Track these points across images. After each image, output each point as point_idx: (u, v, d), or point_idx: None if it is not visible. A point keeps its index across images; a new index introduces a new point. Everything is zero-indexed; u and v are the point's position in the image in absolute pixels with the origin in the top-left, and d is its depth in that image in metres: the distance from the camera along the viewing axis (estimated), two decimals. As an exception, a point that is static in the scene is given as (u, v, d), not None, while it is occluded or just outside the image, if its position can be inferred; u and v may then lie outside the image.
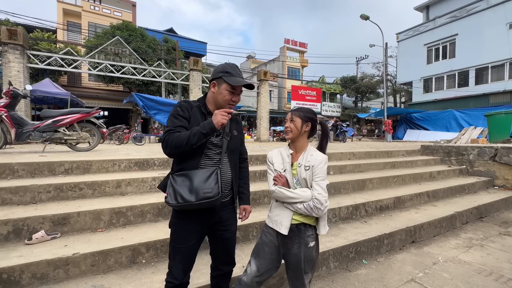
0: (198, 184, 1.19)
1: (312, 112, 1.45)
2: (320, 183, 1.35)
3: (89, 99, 18.11)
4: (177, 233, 1.30)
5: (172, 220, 1.32)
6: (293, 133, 1.43)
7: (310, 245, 1.40)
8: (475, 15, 16.97)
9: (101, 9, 21.09)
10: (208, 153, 1.29)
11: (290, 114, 1.46)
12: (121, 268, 1.87)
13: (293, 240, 1.39)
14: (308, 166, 1.37)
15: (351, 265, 2.37)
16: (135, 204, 2.38)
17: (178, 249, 1.29)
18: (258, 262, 1.42)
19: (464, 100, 17.54)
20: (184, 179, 1.21)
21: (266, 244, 1.43)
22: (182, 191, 1.19)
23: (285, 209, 1.38)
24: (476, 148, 5.55)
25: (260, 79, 13.29)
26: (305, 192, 1.33)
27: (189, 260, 1.32)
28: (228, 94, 1.28)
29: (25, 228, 1.99)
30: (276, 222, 1.39)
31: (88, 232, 2.15)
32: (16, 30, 8.68)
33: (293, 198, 1.33)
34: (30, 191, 2.37)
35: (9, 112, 4.03)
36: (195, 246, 1.32)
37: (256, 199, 2.97)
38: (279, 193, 1.36)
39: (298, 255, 1.38)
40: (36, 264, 1.65)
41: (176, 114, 1.26)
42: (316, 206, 1.31)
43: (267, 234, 1.44)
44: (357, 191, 3.77)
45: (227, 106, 1.31)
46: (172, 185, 1.22)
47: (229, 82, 1.26)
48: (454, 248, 2.79)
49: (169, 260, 1.34)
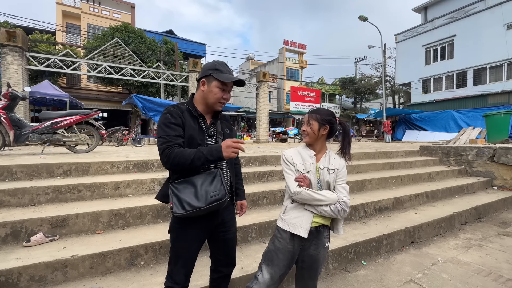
0: (204, 188, 1.17)
1: (330, 114, 1.40)
2: (344, 186, 1.37)
3: (89, 101, 18.09)
4: (180, 240, 1.27)
5: (174, 226, 1.28)
6: (309, 136, 1.40)
7: (326, 245, 1.42)
8: (473, 16, 17.07)
9: (100, 11, 21.12)
10: None
11: (307, 116, 1.41)
12: (119, 270, 1.87)
13: (311, 241, 1.37)
14: (333, 169, 1.37)
15: (350, 266, 2.37)
16: (134, 206, 2.38)
17: (180, 255, 1.27)
18: (272, 270, 1.37)
19: (462, 101, 17.61)
20: (186, 185, 1.18)
21: (279, 251, 1.37)
22: (188, 198, 1.15)
23: (304, 211, 1.34)
24: (474, 149, 5.57)
25: (259, 80, 13.30)
26: (331, 195, 1.32)
27: (191, 264, 1.31)
28: (219, 92, 1.25)
29: (23, 231, 1.98)
30: (294, 225, 1.33)
31: (87, 234, 2.14)
32: (15, 32, 8.67)
33: (322, 200, 1.30)
34: (29, 193, 2.37)
35: (8, 114, 4.03)
36: (197, 250, 1.31)
37: (255, 200, 2.98)
38: (306, 195, 1.30)
39: (314, 256, 1.38)
40: (34, 267, 1.64)
41: (168, 123, 1.19)
42: (343, 209, 1.32)
43: (281, 240, 1.38)
44: (356, 192, 3.77)
45: (218, 104, 1.28)
46: (175, 194, 1.17)
47: (219, 78, 1.23)
48: (453, 249, 2.79)
49: (170, 265, 1.31)
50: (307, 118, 1.41)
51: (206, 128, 1.31)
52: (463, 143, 7.98)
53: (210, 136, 1.30)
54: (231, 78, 1.26)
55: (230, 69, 1.32)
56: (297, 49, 30.12)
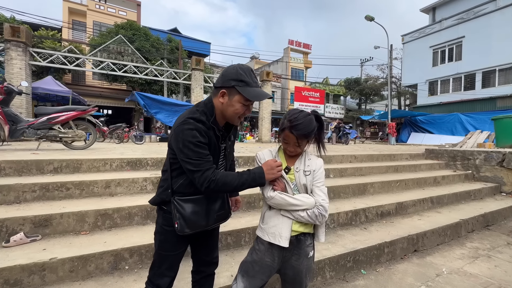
0: (211, 207, 1.18)
1: (312, 120, 1.19)
2: (322, 188, 1.25)
3: (93, 98, 18.19)
4: (168, 241, 1.20)
5: (163, 228, 1.19)
6: (298, 152, 1.27)
7: (310, 255, 1.29)
8: (483, 17, 16.68)
9: (106, 8, 21.22)
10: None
11: (293, 137, 1.17)
12: (101, 275, 1.76)
13: (292, 251, 1.25)
14: (309, 171, 1.25)
15: (348, 275, 2.24)
16: (123, 206, 2.27)
17: (166, 257, 1.21)
18: (247, 281, 1.28)
19: (470, 104, 17.24)
20: (193, 205, 1.13)
21: (256, 263, 1.28)
22: (196, 219, 1.13)
23: (282, 218, 1.22)
24: (482, 153, 5.36)
25: (262, 80, 13.17)
26: (308, 199, 1.20)
27: (176, 267, 1.26)
28: (241, 107, 1.10)
29: (4, 230, 1.89)
30: (273, 235, 1.22)
31: (71, 235, 2.05)
32: (19, 28, 8.69)
33: (297, 205, 1.19)
34: (14, 190, 2.28)
35: (3, 109, 3.98)
36: (182, 253, 1.26)
37: (251, 202, 2.86)
38: (280, 200, 1.19)
39: (297, 267, 1.26)
40: (9, 270, 1.54)
41: (197, 142, 1.04)
42: (321, 213, 1.19)
43: (258, 252, 1.28)
44: (357, 196, 3.62)
45: (237, 120, 1.15)
46: (181, 213, 1.11)
47: (245, 95, 1.06)
48: (459, 259, 2.64)
49: (152, 269, 1.22)
50: (294, 140, 1.18)
51: (219, 137, 1.20)
52: (470, 146, 7.75)
53: (222, 142, 1.23)
54: (261, 96, 1.08)
55: (256, 78, 1.14)
56: (302, 49, 29.91)
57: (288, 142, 1.22)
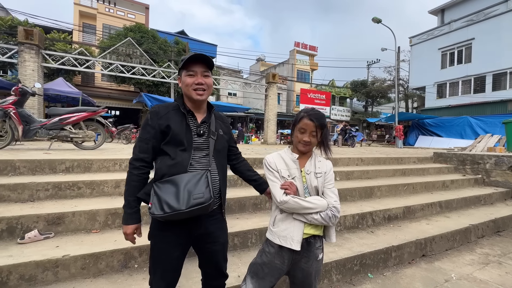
0: (187, 189, 1.08)
1: (324, 115, 1.30)
2: (333, 190, 1.27)
3: (101, 99, 18.52)
4: (158, 246, 1.18)
5: (152, 232, 1.20)
6: (312, 146, 1.28)
7: (319, 257, 1.29)
8: (494, 18, 16.38)
9: (116, 11, 21.64)
10: (195, 156, 1.18)
11: (311, 125, 1.22)
12: (112, 273, 1.80)
13: (302, 254, 1.24)
14: (320, 173, 1.27)
15: (355, 279, 2.23)
16: (132, 205, 2.32)
17: (159, 263, 1.18)
18: (256, 283, 1.29)
19: (480, 107, 16.90)
20: (169, 185, 1.10)
21: (265, 265, 1.28)
22: (169, 199, 1.06)
23: (294, 221, 1.22)
24: (493, 157, 5.26)
25: (268, 82, 13.21)
26: (320, 201, 1.21)
27: (172, 276, 1.21)
28: (188, 79, 1.19)
29: (19, 227, 1.95)
30: (285, 238, 1.21)
31: (83, 233, 2.10)
32: (32, 31, 8.94)
33: (310, 208, 1.19)
34: (29, 189, 2.36)
35: (18, 109, 4.10)
36: (179, 260, 1.20)
37: (257, 204, 2.87)
38: (294, 204, 1.19)
39: (306, 270, 1.26)
40: (25, 265, 1.60)
41: (145, 124, 1.20)
42: (334, 215, 1.21)
43: (268, 255, 1.28)
44: (364, 199, 3.60)
45: (193, 92, 1.19)
46: (156, 193, 1.10)
47: (181, 66, 1.21)
48: (468, 264, 2.59)
49: (150, 275, 1.22)
50: (312, 127, 1.22)
51: (195, 126, 1.22)
52: (480, 150, 7.60)
53: (200, 135, 1.21)
54: (186, 57, 1.19)
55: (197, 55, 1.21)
56: (308, 51, 29.87)
57: (305, 131, 1.24)
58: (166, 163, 1.15)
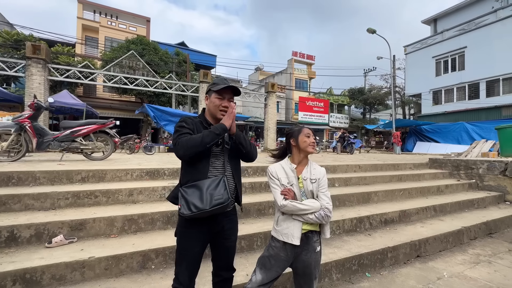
0: (209, 192, 1.31)
1: None
2: (326, 193, 1.51)
3: (103, 109, 18.79)
4: (183, 241, 1.41)
5: (179, 229, 1.43)
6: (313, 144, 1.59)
7: (317, 249, 1.53)
8: (484, 28, 16.95)
9: (118, 24, 22.24)
10: (213, 164, 1.41)
11: (312, 131, 1.61)
12: (132, 273, 1.98)
13: (302, 247, 1.48)
14: (315, 179, 1.52)
15: (354, 278, 2.40)
16: (146, 212, 2.51)
17: (184, 256, 1.40)
18: (264, 273, 1.51)
19: (475, 113, 17.25)
20: (194, 190, 1.32)
21: (272, 257, 1.52)
22: (195, 200, 1.29)
23: (293, 221, 1.47)
24: (485, 162, 5.48)
25: (267, 91, 13.55)
26: (314, 203, 1.46)
27: (194, 266, 1.42)
28: (217, 101, 1.43)
29: (46, 232, 2.14)
30: (287, 235, 1.47)
31: (102, 237, 2.28)
32: (39, 46, 9.28)
33: (306, 210, 1.44)
34: (51, 198, 2.55)
35: (32, 123, 4.33)
36: (199, 253, 1.42)
37: (261, 209, 3.06)
38: (292, 207, 1.44)
39: (306, 261, 1.49)
40: (56, 266, 1.78)
41: (180, 127, 1.40)
42: (326, 215, 1.45)
43: (274, 248, 1.53)
44: (361, 204, 3.79)
45: (218, 112, 1.44)
46: (184, 196, 1.32)
47: (214, 89, 1.45)
48: (460, 264, 2.77)
49: (176, 266, 1.44)
50: (311, 132, 1.60)
51: None
52: (475, 156, 7.81)
53: (217, 145, 1.44)
54: (221, 86, 1.43)
55: (228, 82, 1.49)
56: (306, 60, 30.49)
57: (310, 135, 1.57)
58: (189, 170, 1.39)
